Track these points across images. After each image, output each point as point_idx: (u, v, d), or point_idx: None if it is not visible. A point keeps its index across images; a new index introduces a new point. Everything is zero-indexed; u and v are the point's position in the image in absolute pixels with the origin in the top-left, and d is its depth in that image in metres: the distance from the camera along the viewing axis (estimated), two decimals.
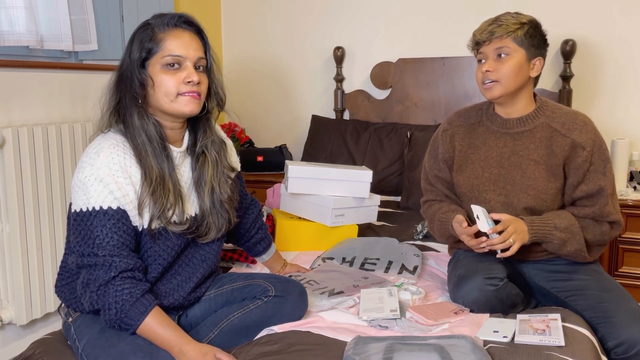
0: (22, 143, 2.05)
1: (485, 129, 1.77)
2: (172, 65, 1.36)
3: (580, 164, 1.64)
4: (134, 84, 1.36)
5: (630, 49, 2.77)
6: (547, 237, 1.62)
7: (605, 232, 1.66)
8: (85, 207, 1.31)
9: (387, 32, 3.19)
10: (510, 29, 1.63)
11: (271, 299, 1.50)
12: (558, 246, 1.63)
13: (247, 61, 3.52)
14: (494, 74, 1.64)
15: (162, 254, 1.42)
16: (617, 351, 1.49)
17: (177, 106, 1.38)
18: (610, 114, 2.84)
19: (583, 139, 1.64)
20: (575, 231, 1.63)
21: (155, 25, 1.38)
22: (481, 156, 1.75)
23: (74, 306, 1.45)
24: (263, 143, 3.52)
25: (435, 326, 1.51)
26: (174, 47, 1.36)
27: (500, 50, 1.63)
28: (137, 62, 1.36)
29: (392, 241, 2.10)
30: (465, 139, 1.80)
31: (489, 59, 1.66)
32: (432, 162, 1.88)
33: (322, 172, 2.21)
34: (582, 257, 1.67)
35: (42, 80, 2.26)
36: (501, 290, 1.57)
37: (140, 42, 1.37)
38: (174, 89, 1.36)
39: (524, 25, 1.64)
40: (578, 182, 1.65)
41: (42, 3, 2.28)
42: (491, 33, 1.64)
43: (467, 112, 1.85)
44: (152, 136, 1.38)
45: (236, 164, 1.66)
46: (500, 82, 1.65)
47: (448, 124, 1.85)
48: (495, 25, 1.64)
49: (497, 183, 1.72)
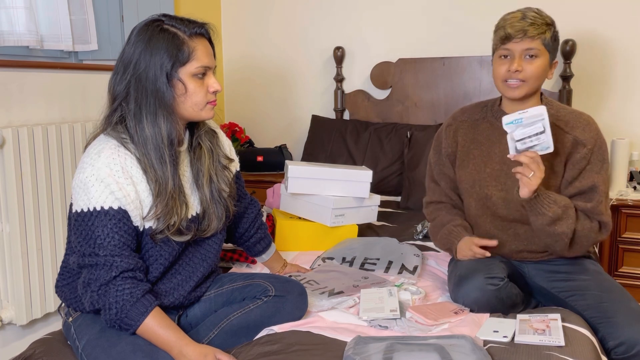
0: (22, 143, 2.05)
1: (488, 125, 1.78)
2: (200, 75, 1.38)
3: (578, 160, 1.64)
4: (164, 91, 1.34)
5: (631, 49, 2.77)
6: (544, 207, 1.57)
7: (593, 230, 1.63)
8: (87, 207, 1.31)
9: (387, 32, 3.19)
10: (541, 29, 1.60)
11: (271, 299, 1.50)
12: (549, 221, 1.58)
13: (247, 61, 3.52)
14: (522, 73, 1.62)
15: (163, 255, 1.42)
16: (618, 351, 1.48)
17: (203, 114, 1.42)
18: (610, 114, 2.84)
19: (585, 137, 1.64)
20: (571, 214, 1.60)
21: (183, 33, 1.36)
22: (483, 152, 1.76)
23: (74, 306, 1.45)
24: (263, 143, 3.52)
25: (435, 326, 1.51)
26: (204, 57, 1.38)
27: (530, 51, 1.61)
28: (168, 69, 1.33)
29: (392, 241, 2.10)
30: (468, 134, 1.80)
31: (516, 57, 1.62)
32: (436, 157, 1.89)
33: (322, 172, 2.21)
34: (562, 245, 1.61)
35: (42, 80, 2.26)
36: (502, 290, 1.57)
37: (170, 49, 1.33)
38: (204, 98, 1.40)
39: (550, 27, 1.63)
40: (573, 178, 1.65)
41: (42, 3, 2.28)
42: (524, 31, 1.59)
43: (472, 108, 1.85)
44: (174, 143, 1.39)
45: (232, 154, 1.66)
46: (527, 83, 1.63)
47: (452, 119, 1.86)
48: (527, 23, 1.60)
49: (498, 179, 1.72)
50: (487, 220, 1.77)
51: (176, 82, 1.36)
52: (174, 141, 1.39)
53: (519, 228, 1.73)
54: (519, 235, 1.73)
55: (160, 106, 1.35)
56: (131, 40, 1.37)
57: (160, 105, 1.35)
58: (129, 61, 1.35)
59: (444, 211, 1.86)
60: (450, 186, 1.86)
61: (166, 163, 1.36)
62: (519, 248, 1.75)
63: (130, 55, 1.35)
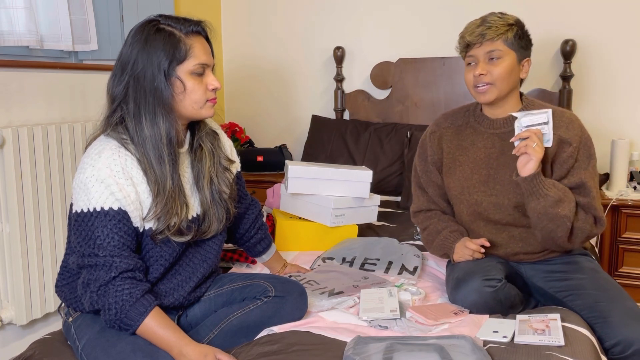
0: (22, 143, 2.05)
1: (472, 130, 1.77)
2: (198, 72, 1.38)
3: (565, 159, 1.63)
4: (162, 90, 1.34)
5: (631, 49, 2.77)
6: (546, 187, 1.56)
7: (588, 222, 1.62)
8: (87, 207, 1.31)
9: (387, 32, 3.19)
10: (500, 30, 1.61)
11: (271, 299, 1.50)
12: (552, 202, 1.56)
13: (247, 61, 3.52)
14: (487, 76, 1.64)
15: (163, 255, 1.42)
16: (614, 351, 1.48)
17: (203, 112, 1.42)
18: (610, 113, 2.83)
19: (569, 135, 1.63)
20: (570, 197, 1.59)
21: (179, 31, 1.36)
22: (469, 158, 1.75)
23: (74, 306, 1.45)
24: (263, 143, 3.52)
25: (435, 326, 1.51)
26: (201, 54, 1.38)
27: (492, 53, 1.63)
28: (165, 68, 1.34)
29: (392, 241, 2.10)
30: (453, 141, 1.80)
31: (480, 62, 1.65)
32: (422, 165, 1.88)
33: (322, 172, 2.21)
34: (565, 230, 1.59)
35: (42, 80, 2.26)
36: (499, 291, 1.57)
37: (167, 48, 1.34)
38: (203, 96, 1.40)
39: (512, 27, 1.63)
40: (561, 177, 1.64)
41: (42, 3, 2.28)
42: (482, 35, 1.62)
43: (454, 113, 1.85)
44: (173, 142, 1.39)
45: (233, 156, 1.66)
46: (495, 85, 1.64)
47: (436, 126, 1.86)
48: (485, 28, 1.62)
49: (486, 184, 1.72)
50: (480, 225, 1.77)
51: (174, 81, 1.36)
52: (172, 140, 1.38)
53: (513, 230, 1.72)
54: (514, 237, 1.73)
55: (159, 105, 1.35)
56: (128, 42, 1.37)
57: (159, 104, 1.35)
58: (127, 62, 1.35)
59: (436, 219, 1.85)
60: (438, 193, 1.86)
61: (165, 162, 1.36)
62: (514, 250, 1.75)
63: (128, 56, 1.36)
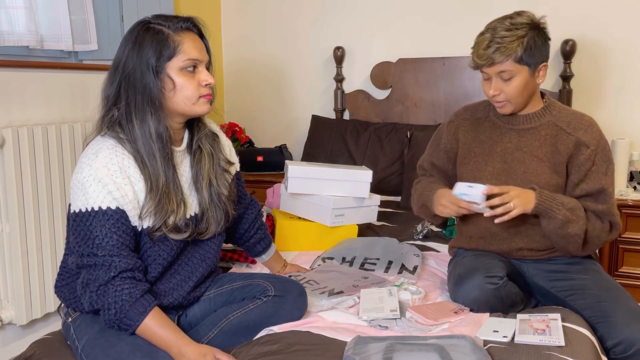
0: (22, 143, 2.05)
1: (491, 124, 1.78)
2: (189, 68, 1.37)
3: (582, 162, 1.64)
4: (151, 88, 1.34)
5: (631, 49, 2.77)
6: (553, 210, 1.58)
7: (604, 230, 1.65)
8: (84, 207, 1.31)
9: (387, 32, 3.19)
10: (509, 51, 1.57)
11: (271, 298, 1.50)
12: (561, 224, 1.59)
13: (247, 61, 3.52)
14: (502, 95, 1.65)
15: (162, 254, 1.42)
16: (616, 351, 1.49)
17: (197, 108, 1.41)
18: (610, 113, 2.83)
19: (587, 138, 1.64)
20: (581, 215, 1.61)
21: (167, 28, 1.36)
22: (485, 150, 1.77)
23: (73, 306, 1.45)
24: (263, 143, 3.52)
25: (435, 326, 1.51)
26: (191, 50, 1.37)
27: (503, 74, 1.62)
28: (153, 65, 1.34)
29: (392, 241, 2.10)
30: (470, 132, 1.81)
31: (493, 80, 1.65)
32: (432, 149, 1.91)
33: (322, 172, 2.21)
34: (576, 246, 1.63)
35: (42, 80, 2.26)
36: (501, 289, 1.57)
37: (154, 45, 1.34)
38: (196, 92, 1.39)
39: (522, 40, 1.57)
40: (579, 179, 1.65)
41: (42, 3, 2.28)
42: (491, 59, 1.60)
43: (475, 106, 1.86)
44: (164, 139, 1.38)
45: (232, 157, 1.66)
46: (511, 102, 1.66)
47: (455, 116, 1.87)
48: (493, 49, 1.58)
49: (499, 177, 1.72)
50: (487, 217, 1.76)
51: (164, 78, 1.36)
52: (162, 136, 1.38)
53: (520, 225, 1.73)
54: (520, 232, 1.74)
55: (148, 103, 1.35)
56: (121, 43, 1.39)
57: (148, 102, 1.35)
58: (119, 63, 1.37)
59: (424, 181, 1.88)
60: (441, 175, 1.89)
61: (156, 159, 1.36)
62: (519, 245, 1.75)
63: (119, 57, 1.38)
